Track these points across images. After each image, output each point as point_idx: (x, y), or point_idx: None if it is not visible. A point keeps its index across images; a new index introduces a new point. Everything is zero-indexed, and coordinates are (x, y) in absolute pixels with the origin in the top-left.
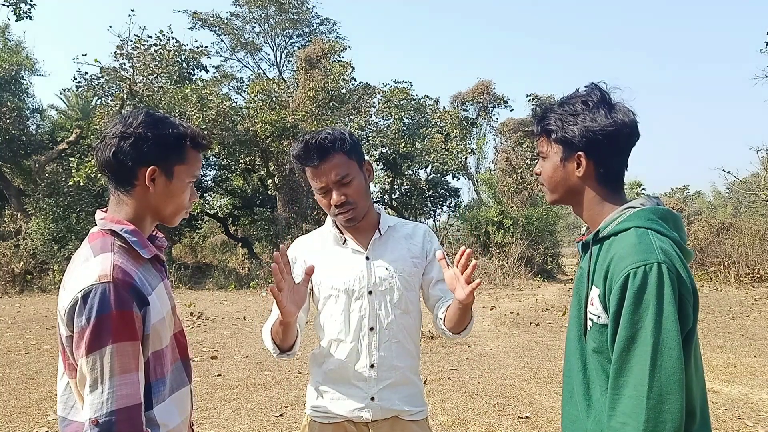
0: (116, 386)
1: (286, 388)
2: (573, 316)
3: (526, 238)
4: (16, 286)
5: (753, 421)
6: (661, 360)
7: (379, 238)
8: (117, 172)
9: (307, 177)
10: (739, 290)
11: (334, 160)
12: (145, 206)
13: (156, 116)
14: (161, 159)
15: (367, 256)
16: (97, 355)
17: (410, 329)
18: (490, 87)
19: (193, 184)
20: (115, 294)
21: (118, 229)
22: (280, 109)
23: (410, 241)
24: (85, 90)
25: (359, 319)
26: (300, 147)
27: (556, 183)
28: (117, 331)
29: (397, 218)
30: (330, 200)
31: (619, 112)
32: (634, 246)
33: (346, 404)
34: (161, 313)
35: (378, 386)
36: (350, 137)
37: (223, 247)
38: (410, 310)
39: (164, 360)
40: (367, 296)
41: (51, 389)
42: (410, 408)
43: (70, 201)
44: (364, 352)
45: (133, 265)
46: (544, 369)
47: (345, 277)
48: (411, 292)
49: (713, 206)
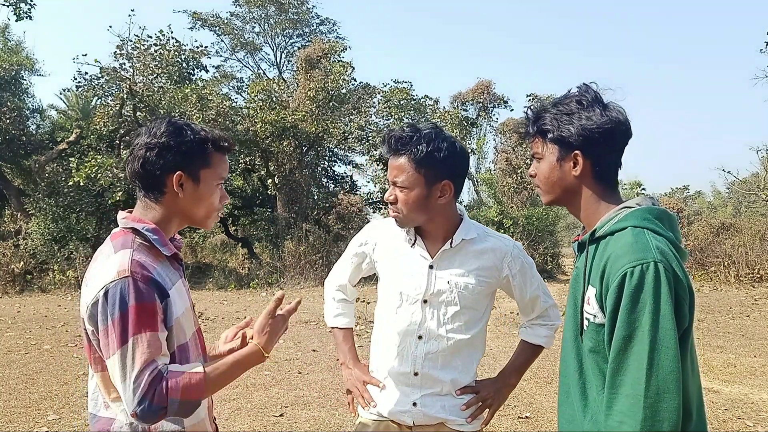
0: (145, 376)
1: (286, 388)
2: (569, 315)
3: (526, 238)
4: (16, 286)
5: (753, 421)
6: (658, 359)
7: (449, 249)
8: (147, 181)
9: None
10: (739, 290)
11: (399, 162)
12: (173, 211)
13: (178, 124)
14: (186, 165)
15: (431, 265)
16: (125, 349)
17: (463, 347)
18: (490, 87)
19: (222, 185)
20: (135, 287)
21: (139, 227)
22: (280, 109)
23: (484, 258)
24: (85, 90)
25: (409, 324)
26: (385, 135)
27: (552, 183)
28: (139, 322)
29: (485, 230)
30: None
31: (613, 111)
32: (630, 245)
33: (388, 404)
34: (181, 309)
35: (421, 393)
36: (432, 151)
37: (223, 247)
38: (467, 328)
39: (189, 353)
40: (421, 304)
41: (51, 389)
42: (455, 418)
43: (70, 201)
44: (409, 358)
45: (152, 261)
46: (544, 369)
47: (404, 279)
48: (472, 310)
49: (713, 206)
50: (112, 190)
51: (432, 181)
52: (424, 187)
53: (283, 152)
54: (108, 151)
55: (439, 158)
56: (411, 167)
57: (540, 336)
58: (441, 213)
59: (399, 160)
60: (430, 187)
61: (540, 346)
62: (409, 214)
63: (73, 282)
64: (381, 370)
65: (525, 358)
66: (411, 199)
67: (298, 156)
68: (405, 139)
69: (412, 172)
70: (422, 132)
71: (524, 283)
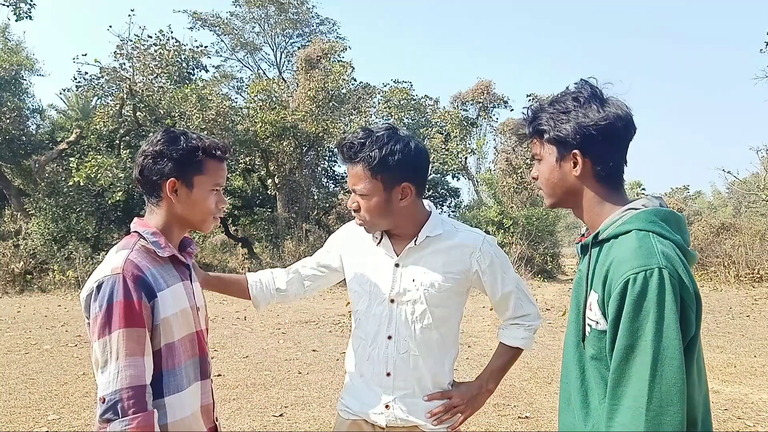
0: (122, 367)
1: (286, 388)
2: (571, 321)
3: (526, 238)
4: (16, 286)
5: (753, 421)
6: (661, 370)
7: (414, 247)
8: (146, 187)
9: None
10: (739, 290)
11: (355, 170)
12: (172, 215)
13: (174, 133)
14: (180, 172)
15: (397, 263)
16: (106, 339)
17: (433, 345)
18: (490, 87)
19: (219, 191)
20: (123, 285)
21: (141, 231)
22: (280, 109)
23: (451, 254)
24: (85, 90)
25: (378, 324)
26: (338, 142)
27: (553, 185)
28: (124, 317)
29: (455, 225)
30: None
31: (612, 106)
32: (634, 250)
33: (363, 405)
34: (174, 309)
35: (394, 395)
36: (385, 156)
37: (223, 247)
38: (437, 326)
39: (177, 353)
40: (388, 304)
41: (51, 389)
42: (427, 422)
43: (70, 201)
44: (381, 359)
45: (149, 262)
46: (544, 369)
47: (371, 279)
48: (440, 308)
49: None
50: (112, 190)
51: (390, 186)
52: (384, 193)
53: (283, 152)
54: (108, 151)
55: (394, 162)
56: (367, 174)
57: (517, 338)
58: (405, 214)
59: (355, 168)
60: (389, 192)
61: (519, 349)
62: (372, 220)
63: (73, 282)
64: (356, 371)
65: (503, 361)
66: (372, 205)
67: (298, 156)
68: (357, 147)
69: (369, 179)
70: (374, 136)
71: (494, 279)
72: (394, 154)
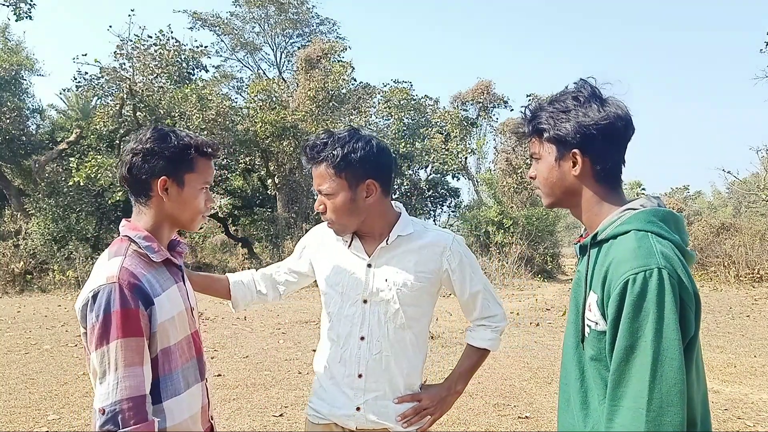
0: (121, 378)
1: (286, 388)
2: (570, 321)
3: (526, 238)
4: (16, 286)
5: (753, 421)
6: (661, 371)
7: (386, 247)
8: (134, 186)
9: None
10: (739, 290)
11: (319, 170)
12: (162, 214)
13: (163, 131)
14: (171, 170)
15: (369, 264)
16: (104, 349)
17: (406, 345)
18: (490, 87)
19: (207, 189)
20: (120, 294)
21: (132, 235)
22: (280, 109)
23: (422, 254)
24: (85, 90)
25: (351, 326)
26: (301, 145)
27: (552, 184)
28: (122, 327)
29: (424, 225)
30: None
31: (612, 106)
32: (633, 250)
33: (333, 408)
34: (170, 313)
35: (365, 397)
36: (347, 154)
37: (223, 247)
38: (410, 326)
39: (173, 357)
40: (361, 304)
41: (51, 389)
42: (397, 425)
43: (70, 201)
44: (353, 360)
45: (143, 268)
46: (544, 369)
47: (343, 280)
48: (413, 307)
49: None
50: (112, 190)
51: (355, 183)
52: (349, 191)
53: (283, 152)
54: (108, 151)
55: (357, 159)
56: (331, 173)
57: (484, 339)
58: (373, 212)
59: (319, 168)
60: (354, 190)
61: (486, 350)
62: (340, 220)
63: (73, 282)
64: (325, 374)
65: (471, 363)
66: (338, 205)
67: (298, 156)
68: (320, 147)
69: (333, 177)
70: (336, 136)
71: (463, 278)
72: (356, 152)
